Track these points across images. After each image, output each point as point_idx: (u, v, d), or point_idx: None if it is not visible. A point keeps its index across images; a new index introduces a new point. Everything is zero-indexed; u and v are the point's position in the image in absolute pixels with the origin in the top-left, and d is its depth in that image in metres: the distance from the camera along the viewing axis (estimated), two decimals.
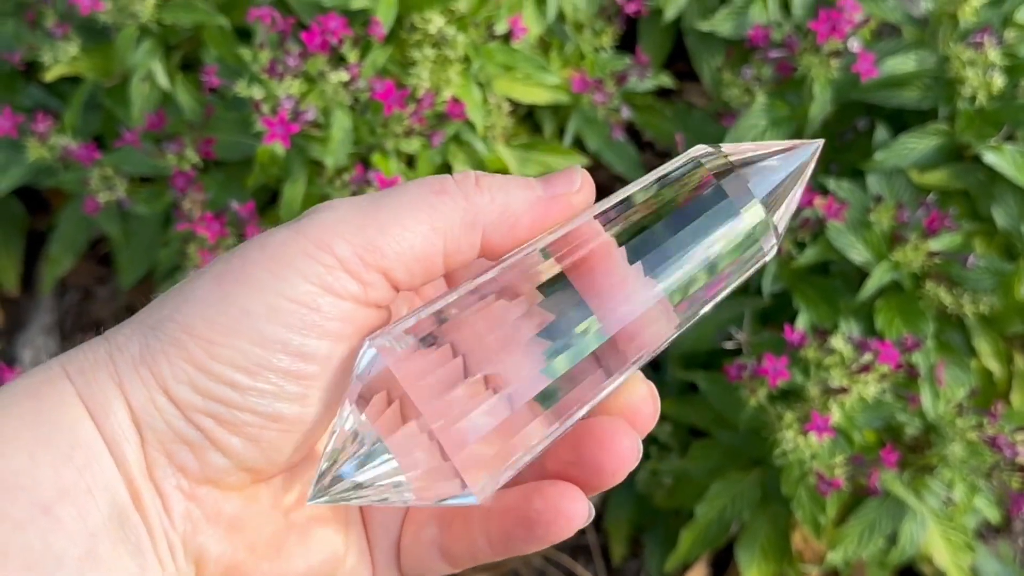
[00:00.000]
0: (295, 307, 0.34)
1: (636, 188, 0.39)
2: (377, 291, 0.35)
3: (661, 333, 0.38)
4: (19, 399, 0.34)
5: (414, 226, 0.35)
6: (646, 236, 0.37)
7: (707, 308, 0.39)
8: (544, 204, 0.37)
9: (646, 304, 0.37)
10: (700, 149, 0.39)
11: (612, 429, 0.37)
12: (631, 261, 0.37)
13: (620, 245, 0.37)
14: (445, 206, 0.36)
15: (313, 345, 0.34)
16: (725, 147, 0.38)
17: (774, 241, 0.39)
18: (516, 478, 0.37)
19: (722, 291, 0.38)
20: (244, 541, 0.37)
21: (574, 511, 0.36)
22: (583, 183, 0.38)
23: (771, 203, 0.38)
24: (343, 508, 0.39)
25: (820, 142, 0.39)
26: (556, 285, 0.37)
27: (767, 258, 0.39)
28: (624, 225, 0.38)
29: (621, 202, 0.38)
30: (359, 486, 0.36)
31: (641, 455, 0.38)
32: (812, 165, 0.39)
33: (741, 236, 0.37)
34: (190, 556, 0.36)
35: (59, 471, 0.33)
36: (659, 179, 0.39)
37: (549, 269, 0.37)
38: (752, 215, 0.37)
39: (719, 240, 0.37)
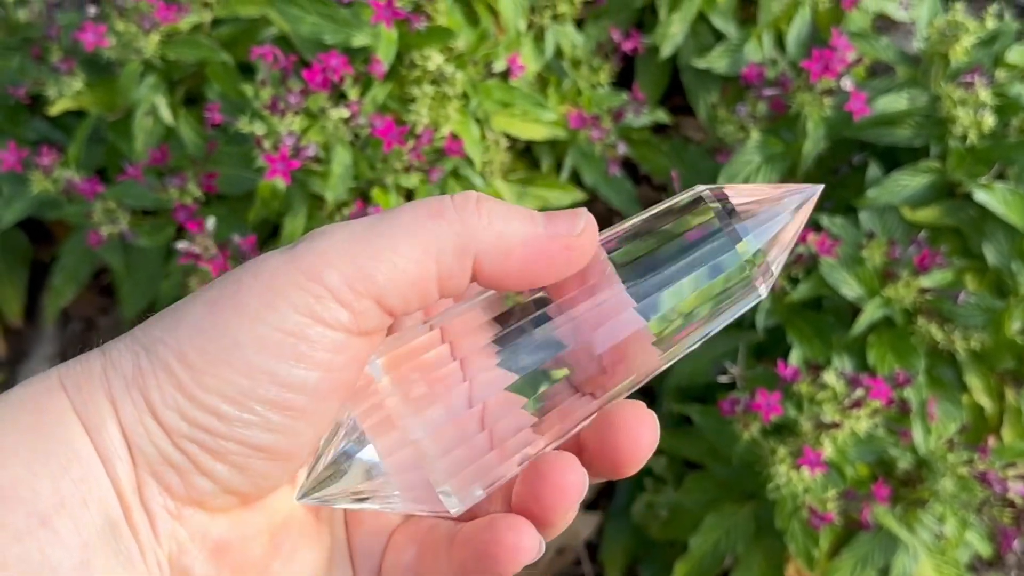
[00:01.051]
0: (284, 337, 0.34)
1: (636, 220, 0.39)
2: (370, 319, 0.35)
3: (645, 363, 0.38)
4: (17, 412, 0.34)
5: (407, 251, 0.35)
6: (640, 267, 0.37)
7: (696, 343, 0.39)
8: (542, 241, 0.37)
9: (629, 330, 0.37)
10: (701, 188, 0.39)
11: (558, 465, 0.37)
12: (625, 288, 0.37)
13: (614, 271, 0.37)
14: (440, 229, 0.35)
15: (301, 376, 0.34)
16: (727, 188, 0.38)
17: (768, 281, 0.39)
18: (485, 508, 0.38)
19: (713, 328, 0.38)
20: (229, 565, 0.37)
21: (521, 545, 0.36)
22: (586, 227, 0.37)
23: (767, 244, 0.38)
24: (328, 532, 0.40)
25: (819, 188, 0.39)
26: (540, 305, 0.38)
27: (760, 298, 0.39)
28: (619, 254, 0.38)
29: (618, 233, 0.38)
30: (347, 488, 0.36)
31: (586, 491, 0.37)
32: (810, 210, 0.39)
33: (736, 275, 0.37)
34: (177, 574, 0.36)
35: (57, 483, 0.33)
36: (659, 213, 0.39)
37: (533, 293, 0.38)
38: (748, 254, 0.37)
39: (713, 277, 0.37)
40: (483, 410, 0.37)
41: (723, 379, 1.04)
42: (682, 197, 0.39)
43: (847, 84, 1.10)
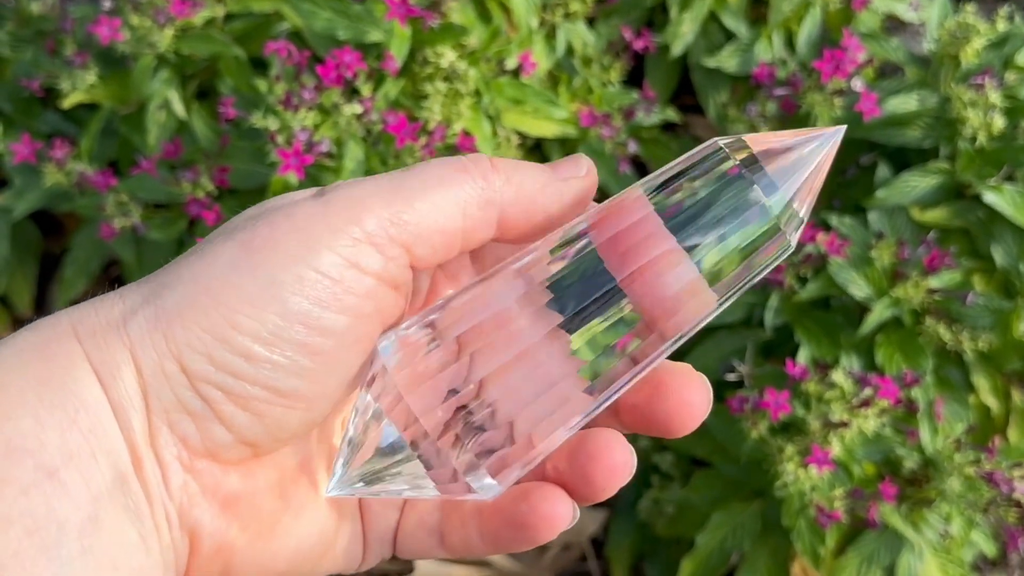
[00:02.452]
0: (320, 279, 0.34)
1: (658, 177, 0.38)
2: (398, 267, 0.35)
3: (698, 313, 0.37)
4: (26, 358, 0.33)
5: (438, 201, 0.35)
6: (668, 222, 0.36)
7: (732, 298, 0.38)
8: (557, 185, 0.38)
9: (686, 280, 0.36)
10: (722, 139, 0.38)
11: (606, 442, 0.37)
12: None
13: (661, 222, 0.36)
14: (466, 183, 0.36)
15: (331, 319, 0.34)
16: (747, 137, 0.38)
17: (798, 231, 0.38)
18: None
19: (747, 280, 0.38)
20: (238, 519, 0.37)
21: (556, 514, 0.37)
22: (588, 170, 0.39)
23: (795, 193, 0.37)
24: None
25: (842, 129, 0.38)
26: (584, 262, 0.37)
27: (791, 247, 0.38)
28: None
29: (645, 189, 0.38)
30: (378, 478, 0.36)
31: (635, 469, 0.38)
32: (833, 153, 0.38)
33: (764, 224, 0.37)
34: (185, 529, 0.36)
35: (65, 435, 0.32)
36: (682, 169, 0.38)
37: (577, 245, 0.37)
38: (776, 203, 0.37)
39: (743, 228, 0.36)
40: (515, 382, 0.36)
41: (731, 377, 1.05)
42: (703, 150, 0.38)
43: (858, 85, 1.10)
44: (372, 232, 0.35)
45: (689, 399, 0.37)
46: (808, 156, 0.37)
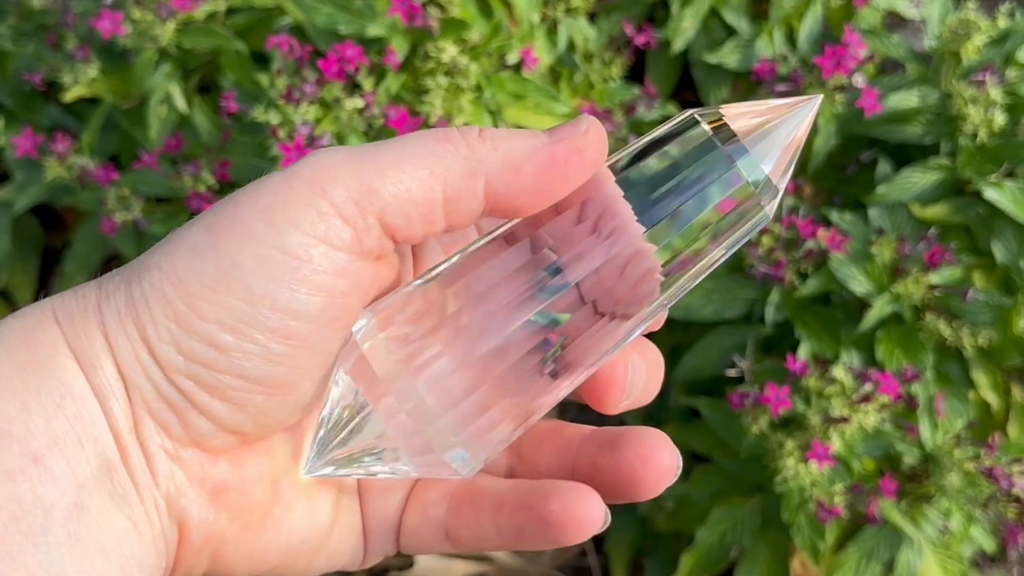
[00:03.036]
0: (286, 259, 0.33)
1: (631, 148, 0.38)
2: (372, 239, 0.34)
3: (651, 291, 0.37)
4: (11, 344, 0.33)
5: (413, 170, 0.34)
6: (642, 191, 0.36)
7: (710, 269, 0.38)
8: (549, 149, 0.35)
9: (642, 259, 0.36)
10: (697, 110, 0.38)
11: (656, 443, 0.37)
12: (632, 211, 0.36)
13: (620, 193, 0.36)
14: (446, 152, 0.34)
15: (303, 301, 0.33)
16: (723, 108, 0.37)
17: (774, 200, 0.38)
18: (538, 470, 0.38)
19: (724, 252, 0.38)
20: (227, 508, 0.36)
21: (590, 517, 0.36)
22: (590, 127, 0.36)
23: (769, 160, 0.37)
24: (335, 481, 0.38)
25: (819, 98, 0.38)
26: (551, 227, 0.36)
27: (768, 218, 0.38)
28: (619, 181, 0.37)
29: (614, 161, 0.37)
30: (353, 457, 0.35)
31: (680, 471, 0.37)
32: (810, 123, 0.38)
33: (740, 194, 0.36)
34: (173, 517, 0.35)
35: (50, 421, 0.32)
36: (656, 139, 0.38)
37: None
38: (750, 172, 0.36)
39: (718, 197, 0.36)
40: (491, 355, 0.35)
41: (731, 373, 1.05)
42: (677, 121, 0.38)
43: (859, 81, 1.10)
44: (339, 203, 0.33)
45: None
46: (783, 124, 0.37)
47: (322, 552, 0.39)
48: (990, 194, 1.03)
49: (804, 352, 1.03)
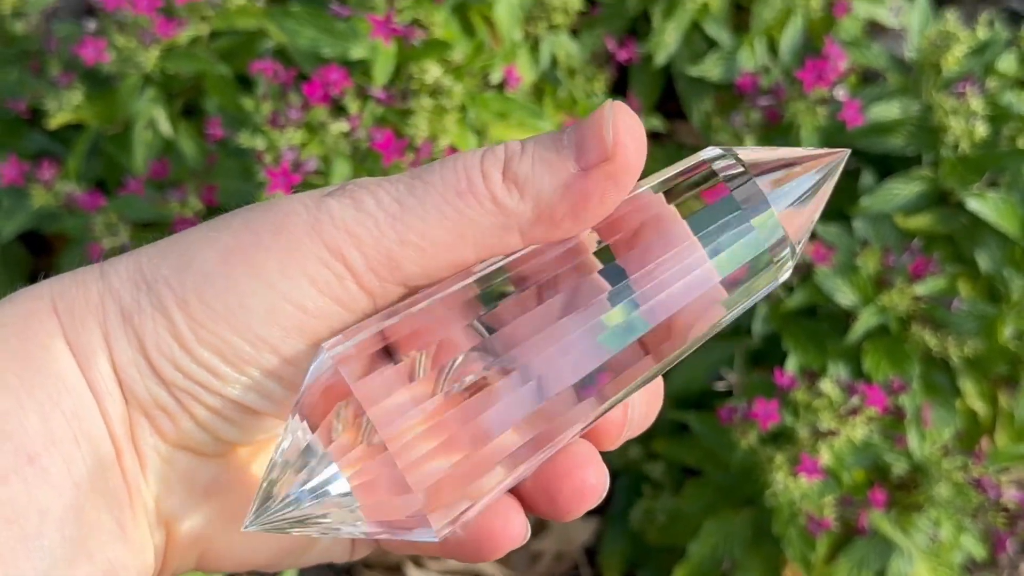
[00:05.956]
0: (295, 312, 0.32)
1: (643, 189, 0.35)
2: (389, 297, 0.33)
3: (711, 322, 0.34)
4: (5, 334, 0.32)
5: (440, 237, 0.32)
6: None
7: (724, 323, 0.35)
8: (579, 186, 0.32)
9: (707, 286, 0.33)
10: (712, 151, 0.35)
11: (581, 459, 0.34)
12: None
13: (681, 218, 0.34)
14: (472, 211, 0.32)
15: (307, 352, 0.32)
16: (740, 151, 0.35)
17: (791, 258, 0.35)
18: None
19: (738, 308, 0.35)
20: (216, 512, 0.35)
21: (507, 534, 0.34)
22: (617, 143, 0.32)
23: (789, 216, 0.34)
24: None
25: (846, 152, 0.35)
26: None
27: (783, 276, 0.35)
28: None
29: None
30: (303, 512, 0.31)
31: (605, 492, 0.35)
32: (836, 177, 0.35)
33: (755, 251, 0.34)
34: (161, 521, 0.34)
35: (47, 418, 0.31)
36: (668, 182, 0.35)
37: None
38: (767, 229, 0.34)
39: (731, 254, 0.34)
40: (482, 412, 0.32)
41: (720, 386, 1.06)
42: (691, 163, 0.35)
43: (840, 93, 1.11)
44: (358, 271, 0.32)
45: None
46: (809, 184, 0.34)
47: (313, 548, 0.39)
48: (973, 204, 1.03)
49: (792, 364, 1.04)
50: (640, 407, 0.38)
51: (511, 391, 0.32)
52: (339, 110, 1.00)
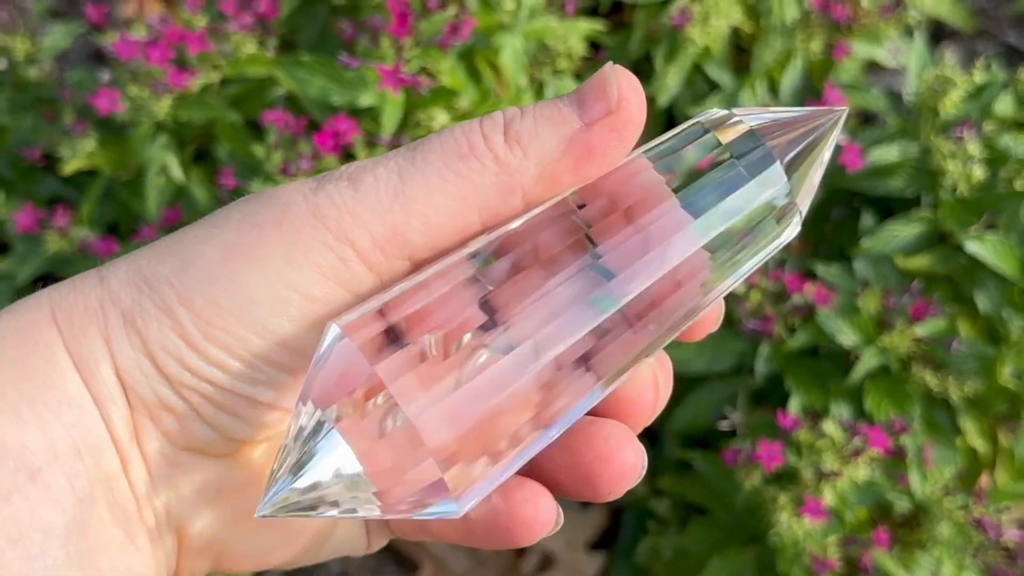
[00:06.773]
0: (303, 301, 0.31)
1: (642, 152, 0.35)
2: (396, 274, 0.33)
3: (698, 292, 0.34)
4: (3, 345, 0.31)
5: (443, 203, 0.32)
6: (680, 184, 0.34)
7: (732, 285, 0.35)
8: (583, 139, 0.32)
9: (691, 250, 0.33)
10: (708, 113, 0.35)
11: (617, 440, 0.34)
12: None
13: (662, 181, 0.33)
14: (475, 174, 0.32)
15: (314, 340, 0.32)
16: (737, 111, 0.35)
17: (799, 218, 0.35)
18: None
19: (745, 269, 0.35)
20: (228, 512, 0.35)
21: (537, 520, 0.34)
22: (621, 96, 0.32)
23: (791, 174, 0.34)
24: None
25: (844, 109, 0.35)
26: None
27: (790, 236, 0.35)
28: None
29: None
30: (317, 495, 0.30)
31: (645, 469, 0.35)
32: (835, 135, 0.35)
33: (760, 209, 0.34)
34: (172, 526, 0.34)
35: (47, 432, 0.30)
36: (668, 144, 0.35)
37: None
38: (773, 186, 0.34)
39: (736, 212, 0.34)
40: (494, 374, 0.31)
41: (724, 425, 1.07)
42: (691, 124, 0.35)
43: (840, 138, 1.13)
44: (364, 250, 0.32)
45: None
46: (809, 141, 0.35)
47: (328, 543, 0.39)
48: (971, 247, 1.05)
49: (794, 405, 1.05)
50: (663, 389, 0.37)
51: (514, 357, 0.31)
52: (348, 158, 1.02)
